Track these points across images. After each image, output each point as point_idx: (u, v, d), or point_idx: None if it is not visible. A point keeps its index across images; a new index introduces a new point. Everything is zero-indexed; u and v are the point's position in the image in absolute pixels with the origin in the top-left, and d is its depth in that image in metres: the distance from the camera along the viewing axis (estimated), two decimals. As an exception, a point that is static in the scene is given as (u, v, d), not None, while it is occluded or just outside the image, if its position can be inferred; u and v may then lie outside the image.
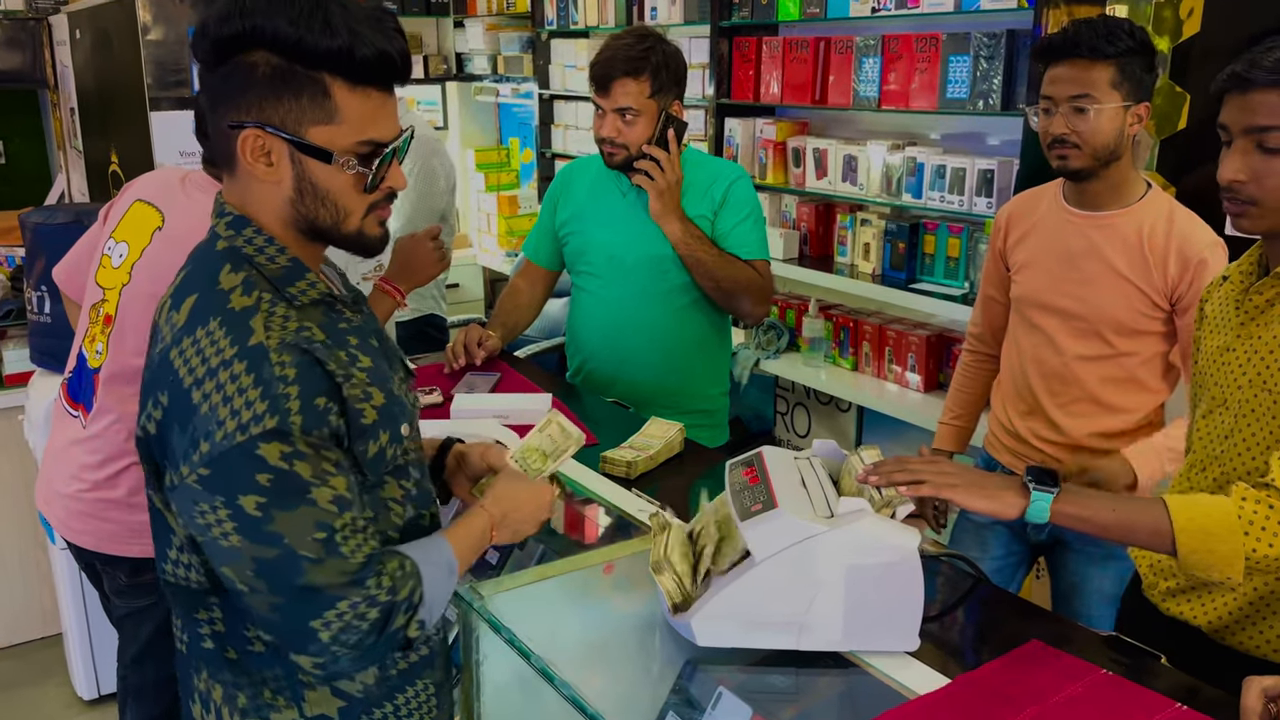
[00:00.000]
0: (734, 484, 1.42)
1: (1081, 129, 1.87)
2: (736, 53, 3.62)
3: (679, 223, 2.35)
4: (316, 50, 1.13)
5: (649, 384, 2.47)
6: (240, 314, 1.16)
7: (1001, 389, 2.22)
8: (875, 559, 1.29)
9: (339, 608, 1.14)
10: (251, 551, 1.12)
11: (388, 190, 1.26)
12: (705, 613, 1.31)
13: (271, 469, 1.11)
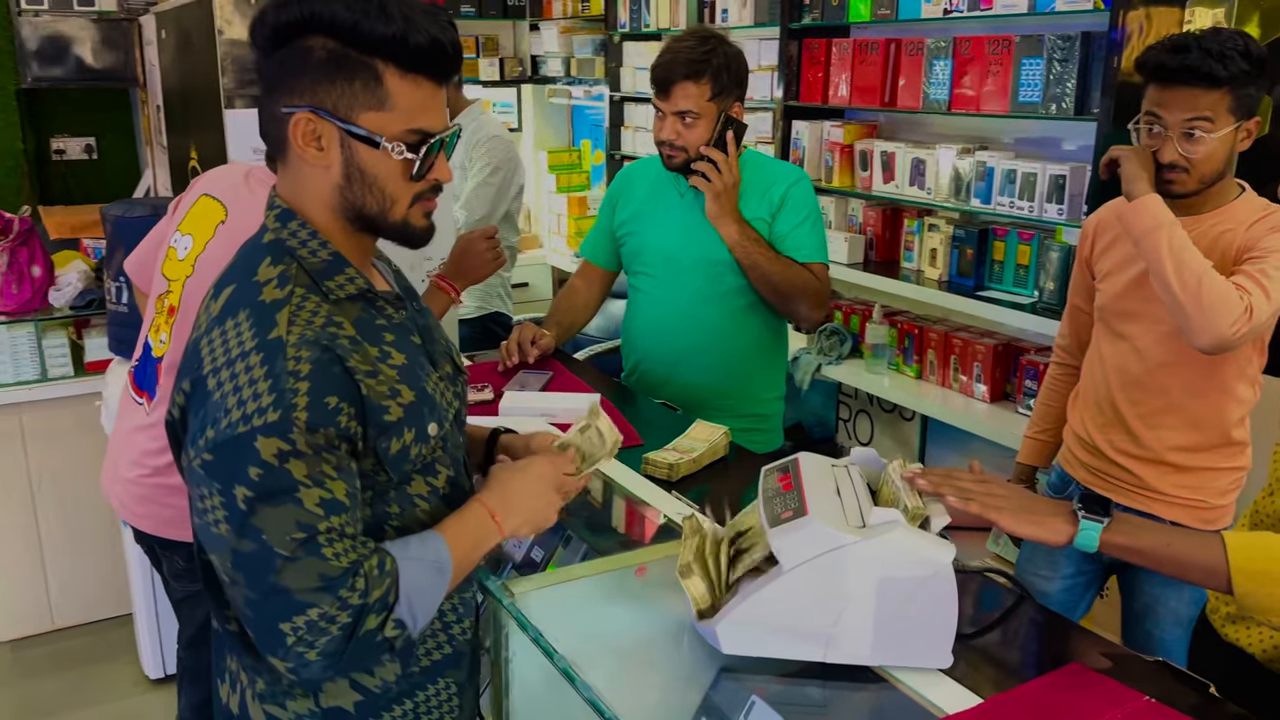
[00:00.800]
0: (767, 489, 1.40)
1: (1194, 155, 1.82)
2: (806, 54, 3.58)
3: (735, 224, 2.33)
4: (372, 35, 1.15)
5: (702, 386, 2.46)
6: (269, 306, 1.18)
7: (1080, 401, 2.16)
8: (907, 572, 1.26)
9: (308, 614, 1.13)
10: (233, 543, 1.13)
11: (433, 181, 1.27)
12: (731, 619, 1.30)
13: (263, 464, 1.11)
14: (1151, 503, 2.05)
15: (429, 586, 1.24)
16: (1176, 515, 2.04)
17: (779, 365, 2.60)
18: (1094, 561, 2.20)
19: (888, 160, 3.31)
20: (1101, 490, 2.11)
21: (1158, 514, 2.04)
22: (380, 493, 1.27)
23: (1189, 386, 1.96)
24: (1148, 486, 2.05)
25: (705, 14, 4.07)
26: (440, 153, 1.26)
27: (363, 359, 1.21)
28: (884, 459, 1.48)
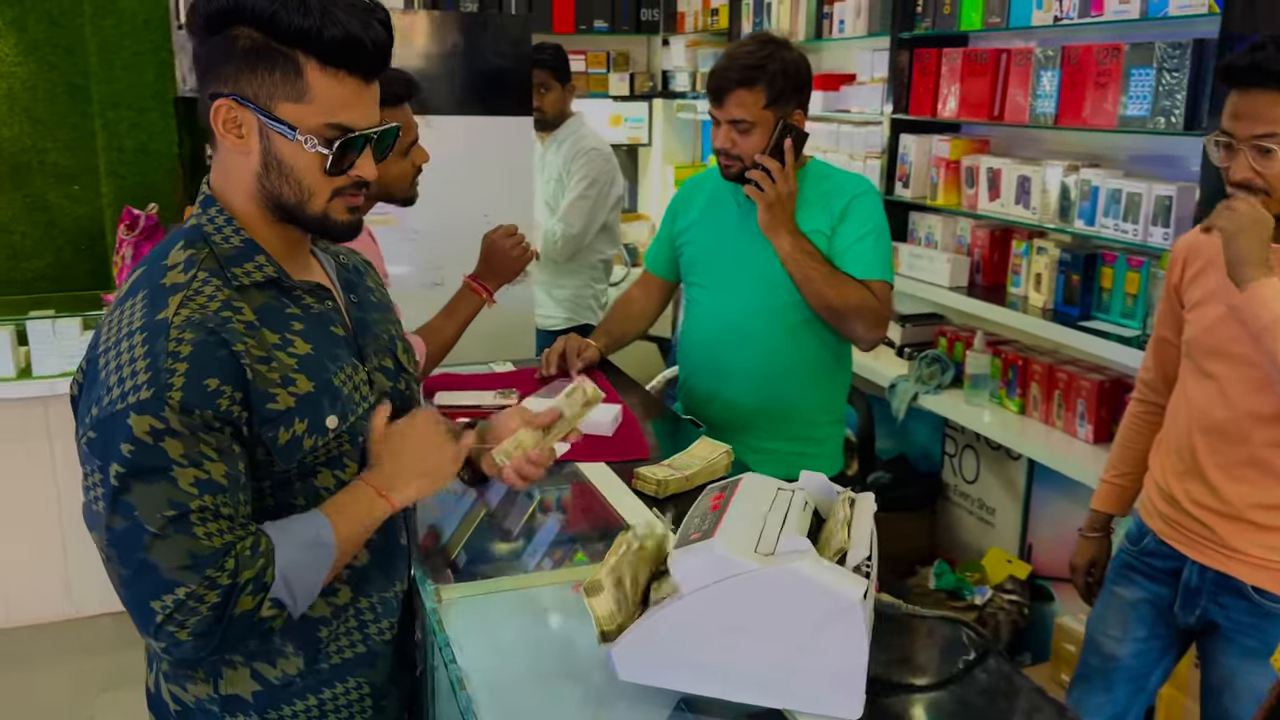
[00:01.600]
0: (698, 508, 1.30)
1: (1269, 172, 1.60)
2: (916, 65, 3.41)
3: (789, 236, 2.22)
4: (289, 27, 1.16)
5: (748, 405, 2.35)
6: (166, 289, 1.19)
7: (1161, 445, 1.96)
8: (812, 607, 1.14)
9: (176, 593, 1.13)
10: (107, 519, 1.14)
11: (355, 178, 1.26)
12: (626, 643, 1.21)
13: (136, 441, 1.12)
14: (1229, 562, 1.83)
15: (308, 566, 1.23)
16: (1257, 579, 1.81)
17: (838, 387, 2.46)
18: (1168, 625, 1.97)
19: (993, 177, 3.10)
20: (1177, 545, 1.90)
21: (1236, 574, 1.82)
22: (282, 483, 1.26)
23: (1276, 440, 1.72)
24: (1226, 544, 1.82)
25: (823, 24, 3.94)
26: (366, 150, 1.25)
27: (257, 345, 1.20)
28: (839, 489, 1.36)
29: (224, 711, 1.30)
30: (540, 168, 3.66)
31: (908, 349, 3.56)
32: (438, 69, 2.90)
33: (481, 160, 2.98)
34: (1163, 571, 1.95)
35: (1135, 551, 2.03)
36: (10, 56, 4.45)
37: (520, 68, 2.97)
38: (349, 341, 1.35)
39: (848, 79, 3.89)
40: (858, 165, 3.74)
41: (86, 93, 4.52)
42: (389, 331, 1.45)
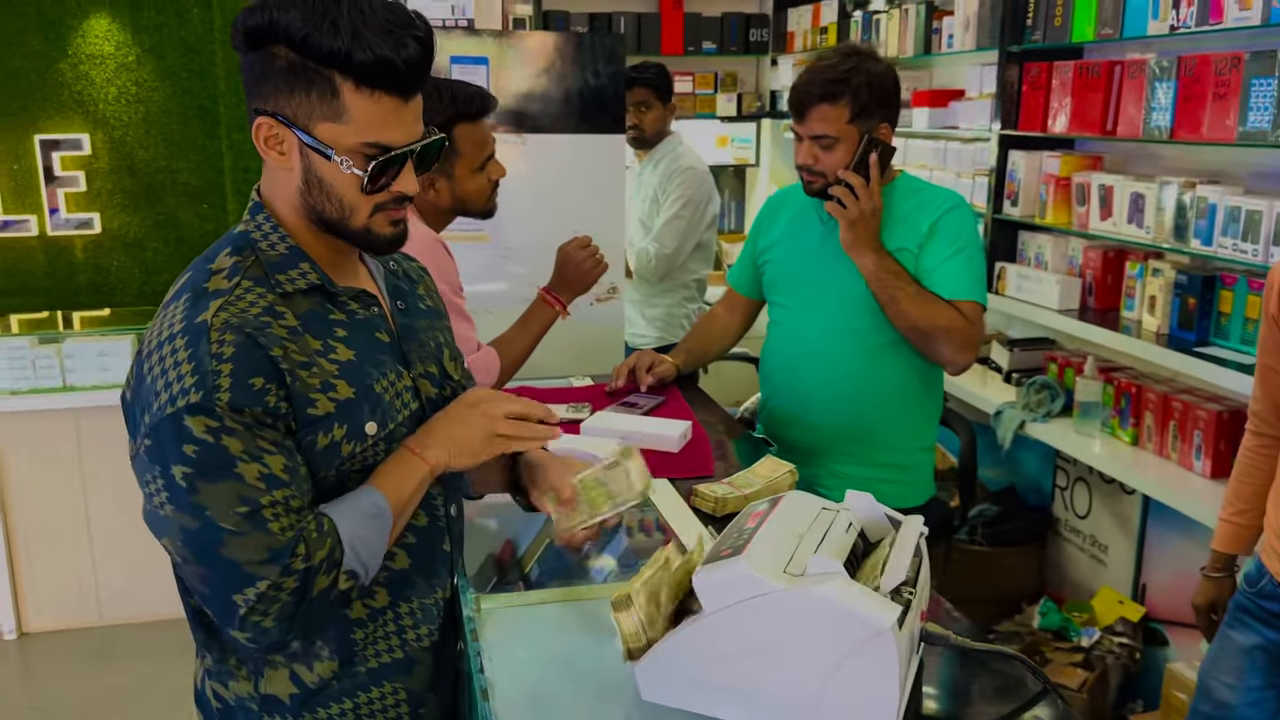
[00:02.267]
0: (735, 525, 1.25)
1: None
2: (1026, 79, 3.28)
3: (873, 255, 2.14)
4: (320, 49, 1.16)
5: (830, 429, 2.27)
6: (209, 294, 1.20)
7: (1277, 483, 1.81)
8: (840, 632, 1.07)
9: (258, 585, 1.15)
10: (179, 520, 1.15)
11: (396, 193, 1.25)
12: (649, 661, 1.17)
13: (198, 441, 1.13)
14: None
15: (370, 534, 1.25)
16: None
17: (926, 412, 2.35)
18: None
19: (1105, 195, 2.94)
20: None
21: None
22: (323, 490, 1.26)
23: None
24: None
25: (932, 39, 3.84)
26: (406, 165, 1.24)
27: (299, 350, 1.21)
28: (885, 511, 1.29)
29: (262, 711, 1.32)
30: (637, 186, 3.66)
31: (1015, 374, 3.40)
32: (532, 88, 2.93)
33: (574, 178, 2.99)
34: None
35: (1252, 594, 1.89)
36: (149, 82, 4.70)
37: (613, 86, 2.98)
38: (393, 348, 1.35)
39: (956, 95, 3.77)
40: (965, 183, 3.61)
41: (215, 115, 4.75)
42: (436, 339, 1.45)
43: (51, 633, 3.57)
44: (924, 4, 3.90)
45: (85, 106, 4.64)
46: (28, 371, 3.39)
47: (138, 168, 4.74)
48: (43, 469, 3.45)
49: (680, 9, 5.01)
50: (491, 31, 2.96)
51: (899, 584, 1.11)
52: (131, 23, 4.62)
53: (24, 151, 4.61)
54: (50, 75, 4.57)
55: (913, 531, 1.24)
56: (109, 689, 3.23)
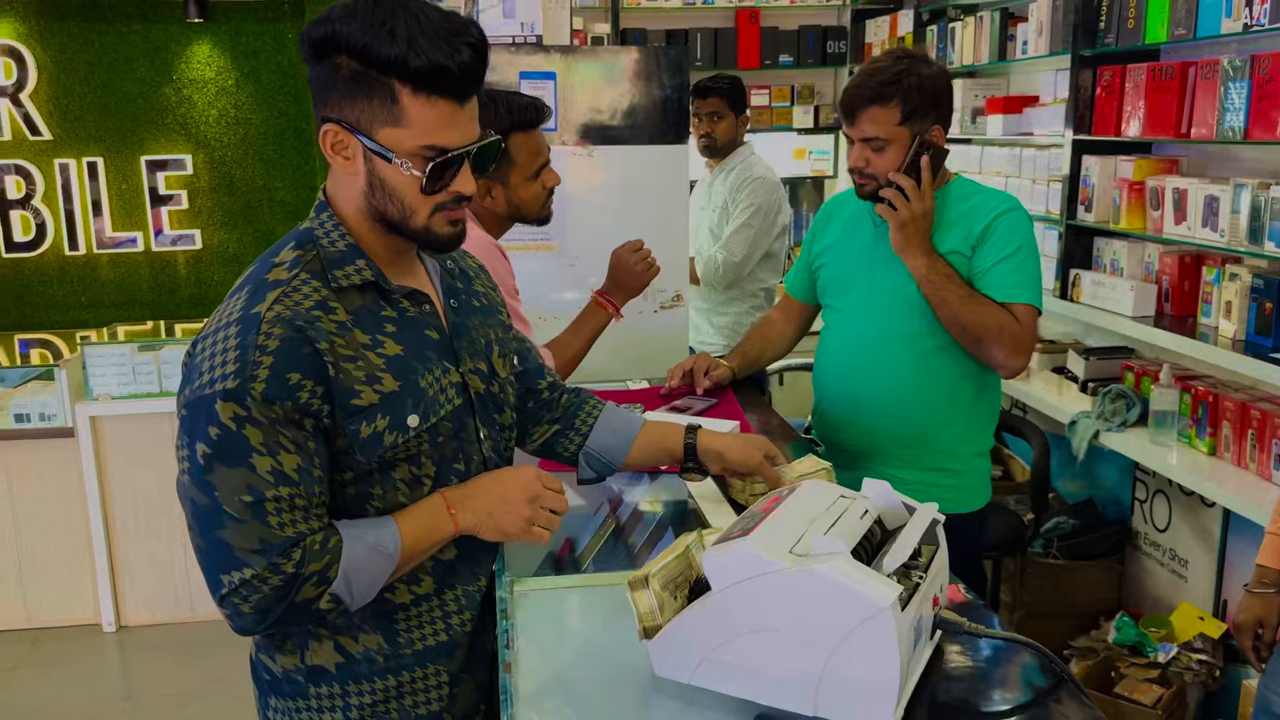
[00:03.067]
0: (751, 509, 1.29)
1: None
2: (1100, 83, 3.22)
3: (924, 257, 2.14)
4: (379, 57, 1.23)
5: (882, 432, 2.26)
6: (268, 285, 1.28)
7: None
8: (841, 611, 1.09)
9: (244, 572, 1.22)
10: (191, 493, 1.24)
11: (454, 194, 1.32)
12: (662, 637, 1.20)
13: (222, 425, 1.21)
14: None
15: (371, 569, 1.30)
16: None
17: (982, 416, 2.33)
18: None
19: (1179, 198, 2.88)
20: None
21: None
22: (363, 475, 1.33)
23: None
24: None
25: (1006, 46, 3.80)
26: (463, 166, 1.31)
27: (346, 344, 1.28)
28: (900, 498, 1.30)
29: (309, 681, 1.39)
30: (707, 195, 3.70)
31: (1091, 383, 3.33)
32: (598, 101, 3.00)
33: (639, 188, 3.05)
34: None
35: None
36: (247, 104, 4.94)
37: (678, 98, 3.03)
38: (443, 345, 1.41)
39: (1030, 101, 3.73)
40: (1040, 189, 3.57)
41: (308, 136, 4.97)
42: (487, 336, 1.51)
43: (147, 626, 3.76)
44: (999, 11, 3.87)
45: (188, 128, 4.90)
46: (128, 377, 3.59)
47: (236, 186, 4.99)
48: (142, 470, 3.65)
49: (756, 23, 5.05)
50: (559, 47, 3.04)
51: (906, 566, 1.13)
52: (231, 48, 4.87)
53: (131, 172, 4.89)
54: (156, 99, 4.85)
55: (924, 517, 1.25)
56: (198, 681, 3.39)
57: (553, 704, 1.25)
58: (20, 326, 4.81)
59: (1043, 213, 3.53)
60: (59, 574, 3.70)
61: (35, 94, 4.74)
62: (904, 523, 1.30)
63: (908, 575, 1.17)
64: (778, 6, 5.07)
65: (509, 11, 3.07)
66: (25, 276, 4.89)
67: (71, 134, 4.80)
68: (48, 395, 3.57)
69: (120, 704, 3.33)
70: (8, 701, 3.31)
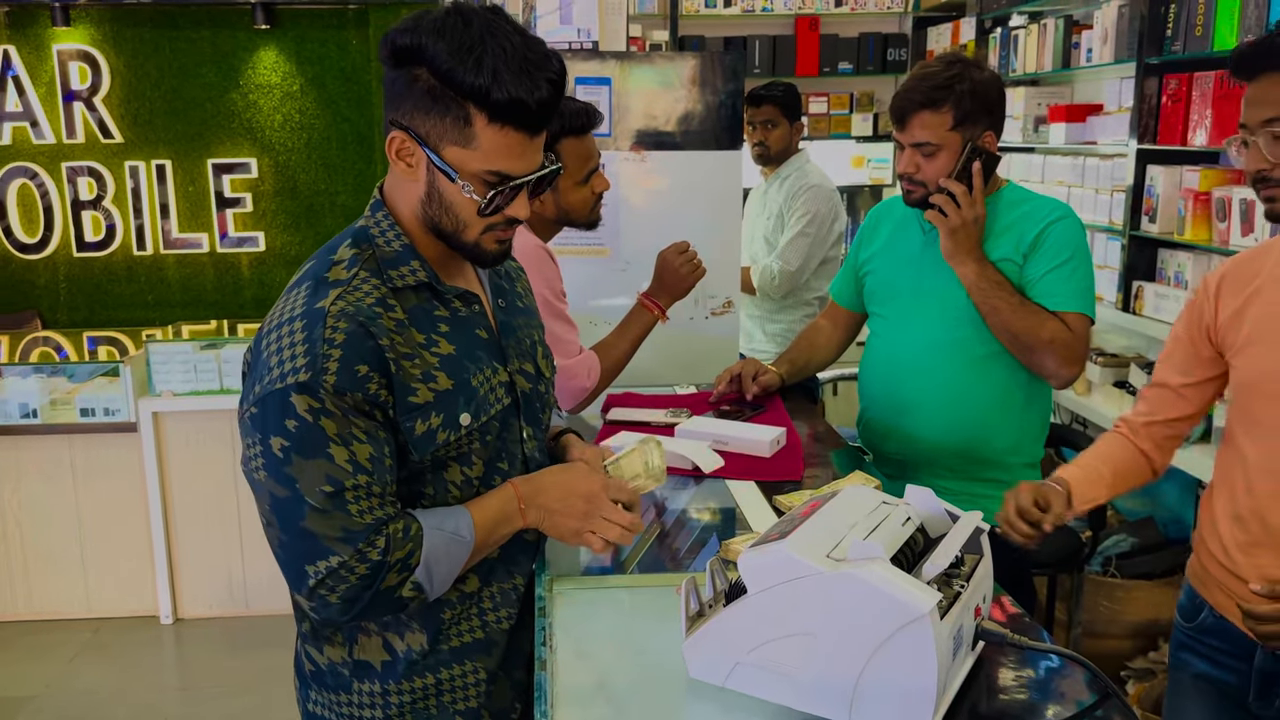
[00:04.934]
0: (791, 513, 1.27)
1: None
2: (1165, 92, 3.15)
3: (974, 264, 2.11)
4: (462, 83, 1.24)
5: (929, 442, 2.23)
6: (329, 283, 1.30)
7: (1214, 509, 1.68)
8: (878, 616, 1.08)
9: (330, 560, 1.24)
10: (270, 487, 1.26)
11: (508, 217, 1.34)
12: (697, 640, 1.20)
13: (299, 418, 1.23)
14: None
15: (448, 556, 1.32)
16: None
17: (1031, 427, 2.28)
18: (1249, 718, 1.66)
19: (1246, 209, 2.80)
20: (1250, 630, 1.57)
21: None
22: (415, 474, 1.35)
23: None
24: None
25: (1071, 54, 3.73)
26: (522, 192, 1.33)
27: (404, 342, 1.30)
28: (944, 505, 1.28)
29: (353, 676, 1.40)
30: (761, 203, 3.68)
31: (1153, 398, 3.25)
32: (653, 107, 3.01)
33: (692, 193, 3.05)
34: (1229, 654, 1.65)
35: (1191, 630, 1.72)
36: (311, 110, 5.03)
37: (732, 104, 3.02)
38: (492, 345, 1.43)
39: (1094, 109, 3.66)
40: (1103, 199, 3.50)
41: (370, 141, 5.04)
42: (532, 336, 1.52)
43: (203, 619, 3.83)
44: (1063, 18, 3.81)
45: (253, 133, 5.01)
46: (190, 375, 3.67)
47: (299, 190, 5.08)
48: (201, 466, 3.73)
49: (816, 30, 5.03)
50: (615, 53, 3.05)
51: (947, 575, 1.11)
52: (296, 54, 4.97)
53: (198, 175, 5.01)
54: (223, 104, 4.96)
55: (968, 525, 1.22)
56: (250, 674, 3.45)
57: (587, 703, 1.25)
58: (89, 324, 4.95)
59: (1105, 223, 3.47)
60: (120, 566, 3.79)
61: (108, 98, 4.88)
62: (947, 530, 1.28)
63: (949, 583, 1.15)
64: (838, 14, 5.04)
65: (566, 18, 3.09)
66: (95, 275, 5.03)
67: (141, 137, 4.93)
68: (113, 391, 3.66)
69: (175, 694, 3.40)
70: (68, 687, 3.39)
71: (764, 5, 4.98)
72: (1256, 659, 1.60)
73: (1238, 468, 1.61)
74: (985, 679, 1.24)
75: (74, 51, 4.83)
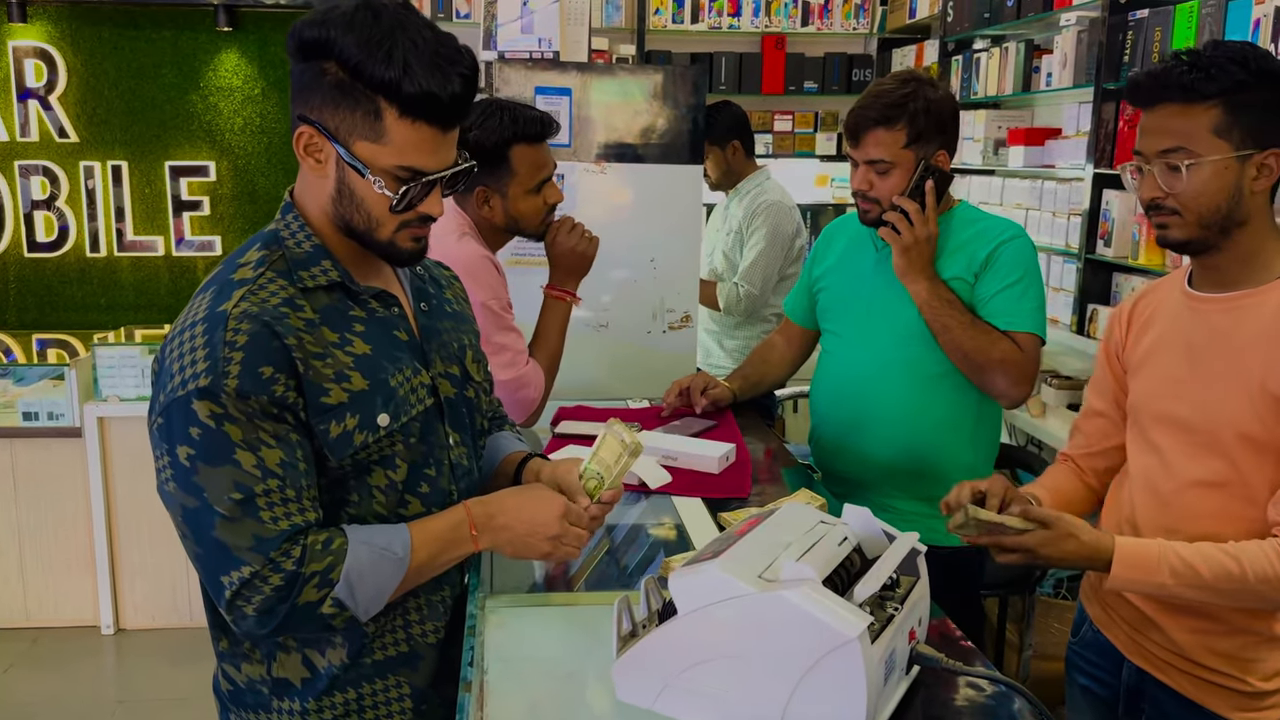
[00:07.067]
0: (726, 532, 1.25)
1: (1177, 190, 1.43)
2: (1121, 117, 3.18)
3: (927, 283, 2.10)
4: (372, 77, 1.21)
5: (879, 460, 2.22)
6: (234, 284, 1.26)
7: (1103, 523, 1.71)
8: (808, 640, 1.05)
9: (242, 570, 1.20)
10: (180, 499, 1.22)
11: (422, 214, 1.31)
12: (626, 662, 1.17)
13: (201, 425, 1.19)
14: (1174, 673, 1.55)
15: (377, 575, 1.27)
16: (1207, 698, 1.52)
17: (981, 446, 2.28)
18: None
19: (1199, 235, 2.82)
20: (1121, 645, 1.63)
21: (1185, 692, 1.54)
22: (337, 480, 1.31)
23: (1224, 512, 1.47)
24: (1175, 648, 1.54)
25: (1032, 78, 3.76)
26: (435, 189, 1.30)
27: (315, 341, 1.27)
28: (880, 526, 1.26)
29: (272, 694, 1.36)
30: (722, 218, 3.67)
31: (1105, 421, 3.27)
32: (613, 119, 2.99)
33: (651, 207, 3.03)
34: (1103, 668, 1.69)
35: (1076, 645, 1.78)
36: (272, 114, 4.97)
37: (694, 119, 3.01)
38: (413, 346, 1.39)
39: (1052, 133, 3.69)
40: (1060, 223, 3.52)
41: (331, 147, 4.99)
42: (460, 340, 1.49)
43: (146, 630, 3.75)
44: (1024, 42, 3.84)
45: (213, 135, 4.94)
46: (138, 380, 3.59)
47: (258, 194, 5.02)
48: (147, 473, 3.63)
49: (782, 49, 5.04)
50: (576, 64, 3.04)
51: (880, 597, 1.09)
52: (259, 57, 4.91)
53: (155, 177, 4.93)
54: (182, 106, 4.89)
55: (903, 546, 1.21)
56: (191, 686, 3.37)
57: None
58: (39, 326, 4.85)
59: (1062, 246, 3.49)
60: (60, 574, 3.70)
61: (64, 97, 4.79)
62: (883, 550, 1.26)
63: (882, 606, 1.13)
64: (804, 33, 5.06)
65: (527, 27, 3.07)
66: (46, 277, 4.93)
67: (98, 138, 4.85)
68: (58, 395, 3.58)
69: (115, 707, 3.31)
70: (3, 700, 3.30)
71: (731, 23, 4.99)
72: (1124, 674, 1.64)
73: (1125, 484, 1.65)
74: (921, 704, 1.22)
75: (30, 49, 4.75)
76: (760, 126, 4.99)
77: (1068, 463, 1.82)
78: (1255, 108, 1.41)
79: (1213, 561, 1.38)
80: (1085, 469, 1.78)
